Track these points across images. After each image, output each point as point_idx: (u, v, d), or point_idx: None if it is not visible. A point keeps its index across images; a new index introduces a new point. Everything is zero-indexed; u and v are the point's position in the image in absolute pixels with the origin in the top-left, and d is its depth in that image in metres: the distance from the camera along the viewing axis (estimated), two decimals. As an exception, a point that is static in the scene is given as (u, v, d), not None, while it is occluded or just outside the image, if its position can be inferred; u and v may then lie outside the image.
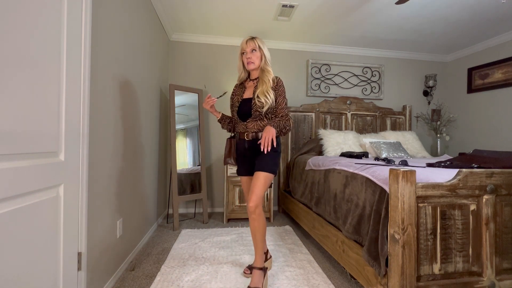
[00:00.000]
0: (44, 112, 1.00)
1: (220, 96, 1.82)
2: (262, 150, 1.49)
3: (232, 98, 1.77)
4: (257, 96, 1.60)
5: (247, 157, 1.68)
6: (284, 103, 1.65)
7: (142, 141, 2.24)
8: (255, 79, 1.72)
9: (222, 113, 1.80)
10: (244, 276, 1.73)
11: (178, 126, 2.91)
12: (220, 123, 1.80)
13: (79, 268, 1.24)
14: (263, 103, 1.58)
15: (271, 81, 1.64)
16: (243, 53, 1.68)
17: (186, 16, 2.84)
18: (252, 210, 1.54)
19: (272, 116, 1.66)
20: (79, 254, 1.24)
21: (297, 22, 2.93)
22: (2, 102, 0.81)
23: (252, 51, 1.65)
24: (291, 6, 2.57)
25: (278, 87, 1.65)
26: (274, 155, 1.61)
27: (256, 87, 1.65)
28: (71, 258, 1.19)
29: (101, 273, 1.49)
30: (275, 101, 1.64)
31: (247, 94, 1.69)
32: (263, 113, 1.61)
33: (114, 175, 1.65)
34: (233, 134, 1.81)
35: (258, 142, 1.54)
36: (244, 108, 1.65)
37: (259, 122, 1.64)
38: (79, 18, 1.22)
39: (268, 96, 1.59)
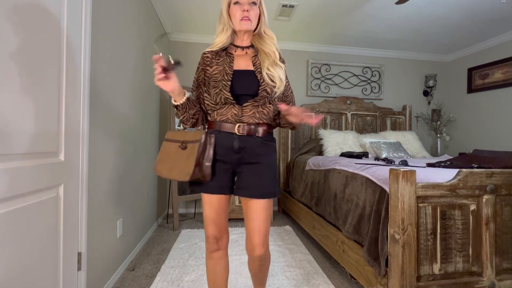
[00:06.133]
0: (44, 112, 1.00)
1: (175, 64, 0.89)
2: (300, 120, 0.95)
3: (205, 71, 1.10)
4: (267, 69, 1.05)
5: (229, 165, 1.06)
6: (291, 89, 1.20)
7: (142, 141, 2.24)
8: (248, 47, 1.13)
9: (189, 96, 1.10)
10: None
11: (178, 126, 2.91)
12: (183, 111, 1.05)
13: (79, 268, 1.24)
14: (276, 83, 1.05)
15: (276, 52, 1.09)
16: (236, 2, 1.06)
17: (186, 16, 2.84)
18: (262, 257, 1.07)
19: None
20: (79, 254, 1.25)
21: (297, 22, 2.93)
22: (2, 102, 0.81)
23: (251, 3, 1.05)
24: (291, 6, 2.57)
25: (284, 64, 1.13)
26: (275, 165, 1.10)
27: (256, 57, 1.10)
28: (71, 258, 1.19)
29: (101, 273, 1.49)
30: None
31: (241, 65, 1.08)
32: (274, 97, 1.08)
33: (114, 175, 1.65)
34: (206, 129, 1.14)
35: (284, 110, 0.96)
36: (244, 84, 1.05)
37: (260, 109, 1.06)
38: (79, 18, 1.22)
39: (279, 72, 1.07)
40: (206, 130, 1.06)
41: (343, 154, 2.63)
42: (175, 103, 1.03)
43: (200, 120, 1.13)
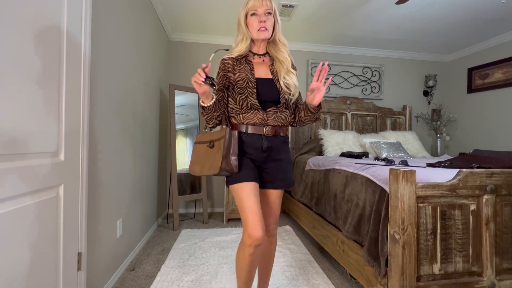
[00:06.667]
0: (44, 112, 0.99)
1: (212, 81, 1.00)
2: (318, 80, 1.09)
3: (227, 77, 1.18)
4: (284, 78, 1.18)
5: (258, 162, 1.19)
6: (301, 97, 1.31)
7: (142, 141, 2.24)
8: (264, 54, 1.25)
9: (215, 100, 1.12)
10: None
11: (178, 126, 2.91)
12: (208, 112, 1.12)
13: (79, 268, 1.24)
14: (292, 91, 1.19)
15: (289, 59, 1.22)
16: (253, 14, 1.15)
17: (186, 16, 2.84)
18: (274, 232, 1.28)
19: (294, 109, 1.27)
20: (79, 254, 1.24)
21: (297, 22, 2.93)
22: (2, 102, 0.81)
23: (267, 13, 1.15)
24: (291, 6, 2.57)
25: (295, 71, 1.25)
26: (291, 157, 1.29)
27: (272, 66, 1.22)
28: (71, 258, 1.19)
29: (101, 273, 1.49)
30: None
31: (261, 73, 1.19)
32: (290, 103, 1.22)
33: (114, 175, 1.65)
34: (229, 128, 1.18)
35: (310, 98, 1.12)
36: (268, 91, 1.16)
37: (280, 114, 1.18)
38: (79, 18, 1.22)
39: (294, 80, 1.20)
40: (230, 128, 1.14)
41: (343, 154, 2.63)
42: (203, 105, 1.11)
43: (223, 121, 1.21)
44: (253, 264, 1.11)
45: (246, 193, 1.09)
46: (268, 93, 1.16)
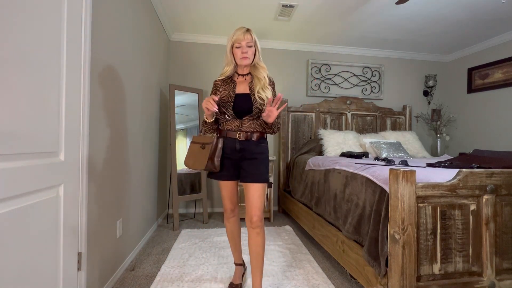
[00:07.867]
0: (44, 112, 0.99)
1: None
2: (271, 106, 1.34)
3: (215, 94, 1.50)
4: (258, 92, 1.44)
5: (234, 160, 1.48)
6: None
7: (142, 141, 2.24)
8: (246, 74, 1.54)
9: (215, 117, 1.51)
10: None
11: (178, 126, 2.91)
12: (209, 125, 1.49)
13: (79, 268, 1.24)
14: (265, 101, 1.43)
15: (267, 78, 1.50)
16: (238, 46, 1.45)
17: (186, 16, 2.84)
18: (257, 223, 1.42)
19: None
20: (79, 254, 1.25)
21: (297, 22, 2.93)
22: (2, 102, 0.81)
23: (248, 45, 1.45)
24: (291, 6, 2.57)
25: (273, 87, 1.53)
26: (267, 160, 1.50)
27: (251, 83, 1.50)
28: (71, 258, 1.19)
29: (101, 273, 1.49)
30: None
31: (241, 90, 1.49)
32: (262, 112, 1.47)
33: (114, 175, 1.65)
34: (217, 135, 1.53)
35: (268, 107, 1.35)
36: (242, 104, 1.46)
37: (255, 121, 1.48)
38: (79, 18, 1.22)
39: (267, 93, 1.45)
40: (217, 136, 1.46)
41: (343, 154, 2.63)
42: (207, 121, 1.46)
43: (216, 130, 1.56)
44: (231, 228, 1.61)
45: (222, 186, 1.54)
46: (244, 105, 1.45)
